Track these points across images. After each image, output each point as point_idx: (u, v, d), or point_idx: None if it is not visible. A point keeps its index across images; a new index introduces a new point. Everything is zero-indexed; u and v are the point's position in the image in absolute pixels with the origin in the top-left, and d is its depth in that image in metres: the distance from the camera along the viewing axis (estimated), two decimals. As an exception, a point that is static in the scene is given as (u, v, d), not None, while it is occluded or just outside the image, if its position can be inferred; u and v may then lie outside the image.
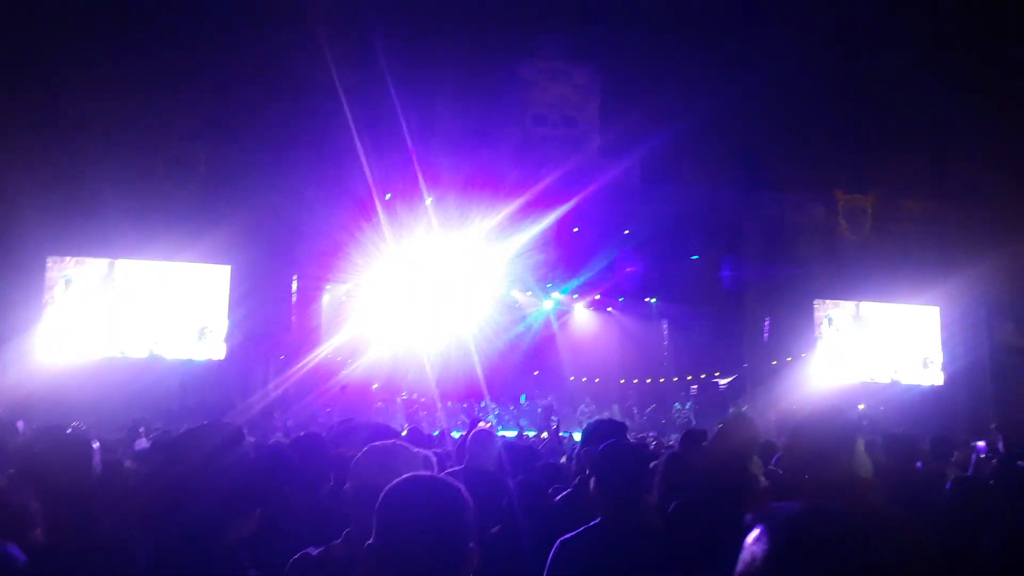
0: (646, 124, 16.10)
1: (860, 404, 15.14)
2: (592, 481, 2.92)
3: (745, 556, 1.31)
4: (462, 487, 1.77)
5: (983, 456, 9.40)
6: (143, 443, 8.08)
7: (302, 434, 4.70)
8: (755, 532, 1.32)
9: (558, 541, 2.84)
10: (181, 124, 15.95)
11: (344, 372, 17.48)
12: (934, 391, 17.26)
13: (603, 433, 3.87)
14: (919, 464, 5.33)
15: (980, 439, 11.07)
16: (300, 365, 15.39)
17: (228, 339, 15.59)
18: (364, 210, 16.46)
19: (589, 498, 2.97)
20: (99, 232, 14.90)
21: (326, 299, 18.48)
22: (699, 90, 14.82)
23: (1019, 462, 6.31)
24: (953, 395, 17.01)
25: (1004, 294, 16.75)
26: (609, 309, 20.04)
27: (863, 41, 16.27)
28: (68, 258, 15.10)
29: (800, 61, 15.52)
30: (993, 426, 9.99)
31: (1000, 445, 9.56)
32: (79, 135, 15.04)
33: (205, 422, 2.21)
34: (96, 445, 3.01)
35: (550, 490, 4.40)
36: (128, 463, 6.02)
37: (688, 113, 14.76)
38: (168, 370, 14.97)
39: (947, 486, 3.80)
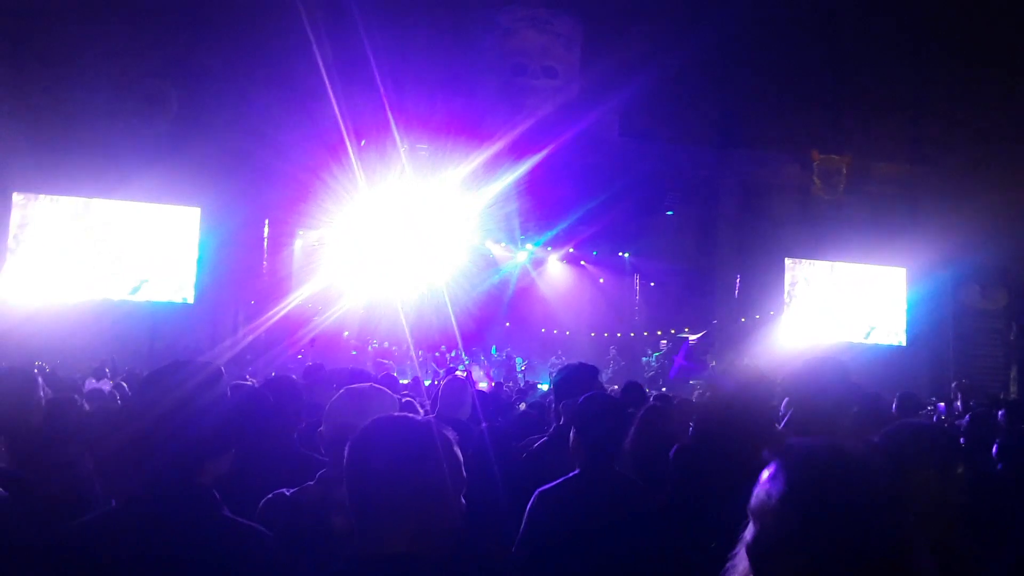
0: (626, 78, 15.98)
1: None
2: (572, 432, 2.92)
3: (760, 493, 1.30)
4: (438, 431, 1.72)
5: (943, 416, 9.70)
6: (94, 384, 8.03)
7: (274, 375, 4.68)
8: (770, 469, 1.31)
9: (537, 491, 2.84)
10: (151, 61, 15.54)
11: (316, 319, 17.41)
12: (898, 351, 17.61)
13: (575, 377, 3.87)
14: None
15: (941, 399, 11.40)
16: (272, 312, 15.30)
17: (198, 283, 15.43)
18: (338, 156, 16.24)
19: (568, 448, 2.98)
20: (65, 169, 14.57)
21: (298, 245, 18.30)
22: (679, 47, 14.69)
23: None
24: (916, 355, 17.38)
25: (970, 258, 17.04)
26: (583, 263, 20.09)
27: (843, 4, 16.20)
28: (41, 196, 14.75)
29: (780, 21, 15.43)
30: (954, 384, 10.27)
31: (959, 404, 9.85)
32: (46, 70, 14.60)
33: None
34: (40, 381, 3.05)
35: (525, 440, 4.39)
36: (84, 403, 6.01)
37: (668, 69, 14.67)
38: (137, 312, 14.83)
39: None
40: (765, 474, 1.31)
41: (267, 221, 16.77)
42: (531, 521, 2.81)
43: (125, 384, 7.43)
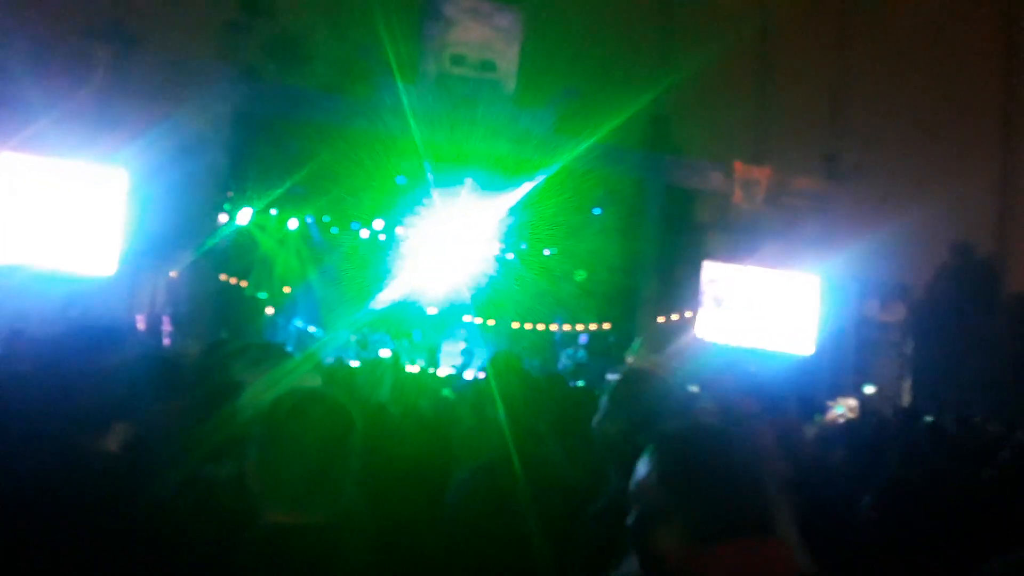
0: (562, 75, 16.37)
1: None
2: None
3: (638, 477, 1.46)
4: (348, 406, 1.80)
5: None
6: None
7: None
8: (646, 454, 1.47)
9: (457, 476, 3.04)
10: (80, 19, 15.10)
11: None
12: (802, 359, 18.32)
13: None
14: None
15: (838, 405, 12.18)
16: (196, 284, 15.06)
17: (120, 251, 14.89)
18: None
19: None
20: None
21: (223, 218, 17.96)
22: (614, 50, 15.11)
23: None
24: (819, 364, 18.17)
25: (874, 273, 18.04)
26: (509, 256, 20.32)
27: (769, 21, 16.89)
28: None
29: (713, 34, 16.00)
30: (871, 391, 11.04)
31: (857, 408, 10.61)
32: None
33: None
34: None
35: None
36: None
37: (601, 71, 15.06)
38: (51, 280, 14.26)
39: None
40: (642, 459, 1.48)
41: (197, 189, 16.34)
42: (451, 500, 2.99)
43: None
